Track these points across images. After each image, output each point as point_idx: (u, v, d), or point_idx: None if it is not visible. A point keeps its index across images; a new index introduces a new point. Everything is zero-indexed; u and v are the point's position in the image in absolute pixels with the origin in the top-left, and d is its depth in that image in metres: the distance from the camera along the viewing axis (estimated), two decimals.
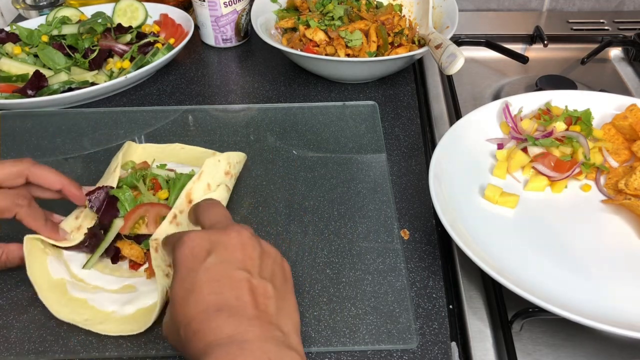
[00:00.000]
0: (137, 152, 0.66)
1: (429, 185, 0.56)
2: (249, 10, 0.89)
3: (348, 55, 0.79)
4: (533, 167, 0.62)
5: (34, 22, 0.89)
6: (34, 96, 0.76)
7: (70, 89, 0.77)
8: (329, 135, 0.72)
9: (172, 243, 0.44)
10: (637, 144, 0.61)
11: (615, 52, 0.91)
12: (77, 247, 0.54)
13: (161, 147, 0.67)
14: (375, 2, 0.89)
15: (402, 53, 0.78)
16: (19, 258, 0.53)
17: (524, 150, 0.63)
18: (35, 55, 0.82)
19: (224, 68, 0.89)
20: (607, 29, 0.97)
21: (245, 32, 0.93)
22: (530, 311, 0.48)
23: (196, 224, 0.48)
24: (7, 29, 0.86)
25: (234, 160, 0.63)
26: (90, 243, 0.53)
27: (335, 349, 0.48)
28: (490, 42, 0.88)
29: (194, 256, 0.41)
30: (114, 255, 0.54)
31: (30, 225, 0.52)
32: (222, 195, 0.58)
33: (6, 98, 0.75)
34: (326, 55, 0.78)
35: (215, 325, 0.38)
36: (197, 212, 0.47)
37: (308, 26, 0.81)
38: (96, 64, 0.82)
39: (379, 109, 0.76)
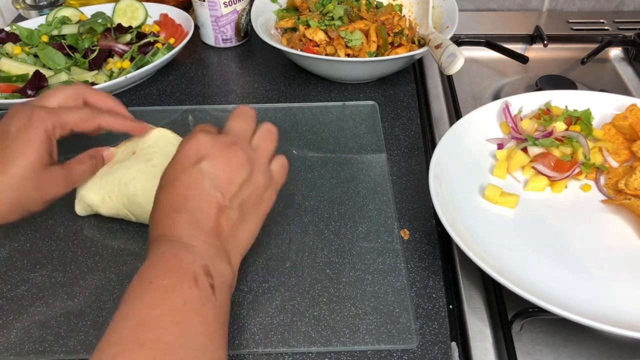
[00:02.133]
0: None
1: (429, 185, 0.56)
2: (249, 10, 0.89)
3: (348, 55, 0.79)
4: (533, 167, 0.62)
5: (34, 22, 0.89)
6: (34, 96, 0.76)
7: None
8: (329, 135, 0.72)
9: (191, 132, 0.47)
10: (637, 144, 0.61)
11: (615, 52, 0.91)
12: None
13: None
14: (375, 2, 0.89)
15: (402, 53, 0.78)
16: (107, 154, 0.58)
17: (524, 150, 0.63)
18: (35, 55, 0.82)
19: (224, 68, 0.89)
20: (607, 29, 0.97)
21: (245, 32, 0.93)
22: (530, 311, 0.48)
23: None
24: (7, 29, 0.86)
25: None
26: None
27: (335, 349, 0.48)
28: (490, 42, 0.88)
29: (189, 155, 0.45)
30: None
31: (117, 126, 0.56)
32: None
33: (6, 98, 0.75)
34: (326, 55, 0.78)
35: (172, 222, 0.43)
36: (232, 113, 0.50)
37: (308, 26, 0.81)
38: (96, 64, 0.82)
39: (379, 109, 0.76)
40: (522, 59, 0.84)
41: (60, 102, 0.55)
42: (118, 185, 0.56)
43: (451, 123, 0.72)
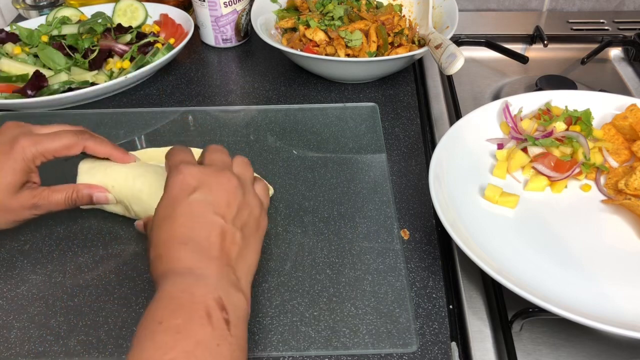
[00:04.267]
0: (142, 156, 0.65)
1: (429, 185, 0.56)
2: (249, 10, 0.89)
3: (348, 55, 0.79)
4: (533, 167, 0.62)
5: (34, 22, 0.89)
6: (34, 96, 0.76)
7: (70, 89, 0.77)
8: (329, 136, 0.72)
9: (169, 165, 0.48)
10: (637, 144, 0.61)
11: (615, 52, 0.91)
12: None
13: (162, 150, 0.66)
14: (375, 2, 0.89)
15: (402, 53, 0.78)
16: (88, 196, 0.56)
17: (524, 150, 0.63)
18: (35, 55, 0.82)
19: (224, 68, 0.89)
20: (607, 29, 0.97)
21: (245, 32, 0.93)
22: (530, 311, 0.48)
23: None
24: (7, 29, 0.86)
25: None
26: None
27: (335, 350, 0.48)
28: (490, 42, 0.88)
29: (182, 187, 0.45)
30: None
31: (100, 152, 0.56)
32: None
33: (6, 98, 0.75)
34: (326, 55, 0.78)
35: (179, 255, 0.42)
36: (204, 151, 0.51)
37: (308, 26, 0.81)
38: (96, 64, 0.82)
39: (379, 110, 0.76)
40: (522, 59, 0.84)
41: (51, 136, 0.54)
42: (124, 179, 0.56)
43: (451, 123, 0.72)
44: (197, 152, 0.66)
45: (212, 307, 0.39)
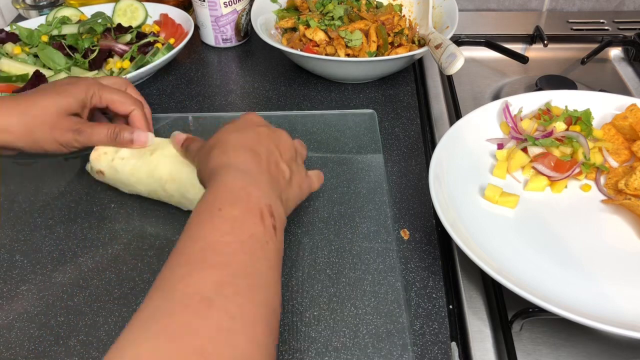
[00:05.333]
0: None
1: (429, 185, 0.56)
2: (249, 10, 0.89)
3: (348, 55, 0.79)
4: (533, 167, 0.62)
5: (34, 22, 0.89)
6: None
7: None
8: (329, 136, 0.72)
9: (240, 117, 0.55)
10: (637, 144, 0.61)
11: (615, 52, 0.91)
12: None
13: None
14: (375, 2, 0.89)
15: (402, 53, 0.78)
16: (129, 135, 0.60)
17: (524, 150, 0.63)
18: (35, 55, 0.82)
19: (224, 68, 0.89)
20: (607, 29, 0.97)
21: (245, 32, 0.93)
22: (530, 311, 0.48)
23: None
24: (7, 29, 0.86)
25: None
26: None
27: (335, 350, 0.48)
28: (490, 42, 0.88)
29: (252, 120, 0.53)
30: None
31: (141, 124, 0.62)
32: None
33: None
34: (326, 55, 0.78)
35: (244, 157, 0.47)
36: None
37: (308, 26, 0.81)
38: (96, 64, 0.82)
39: (379, 111, 0.76)
40: (522, 59, 0.84)
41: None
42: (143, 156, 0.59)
43: (451, 123, 0.72)
44: None
45: (264, 211, 0.43)
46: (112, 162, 0.59)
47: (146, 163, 0.59)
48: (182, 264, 0.37)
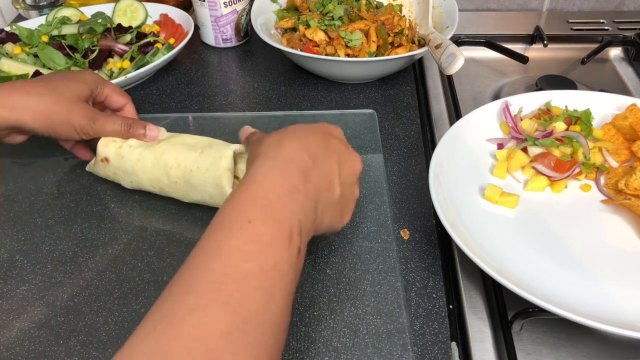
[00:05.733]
0: None
1: (429, 185, 0.56)
2: (249, 10, 0.89)
3: (348, 55, 0.79)
4: (533, 167, 0.62)
5: (34, 22, 0.89)
6: None
7: None
8: None
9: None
10: (637, 144, 0.61)
11: (615, 52, 0.91)
12: None
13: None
14: (375, 2, 0.89)
15: (402, 53, 0.78)
16: (142, 127, 0.61)
17: (524, 150, 0.63)
18: (35, 55, 0.82)
19: (224, 68, 0.89)
20: (607, 29, 0.97)
21: (245, 32, 0.93)
22: (530, 311, 0.48)
23: None
24: (7, 29, 0.86)
25: None
26: None
27: (335, 350, 0.48)
28: (490, 42, 0.88)
29: (326, 127, 0.50)
30: None
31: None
32: None
33: None
34: (326, 55, 0.78)
35: (293, 149, 0.44)
36: None
37: (308, 26, 0.81)
38: (96, 64, 0.82)
39: (379, 111, 0.76)
40: (522, 59, 0.84)
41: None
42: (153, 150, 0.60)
43: (451, 123, 0.72)
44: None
45: (295, 229, 0.39)
46: (119, 149, 0.60)
47: (153, 151, 0.59)
48: (192, 291, 0.34)
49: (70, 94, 0.58)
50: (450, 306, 0.53)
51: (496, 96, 0.82)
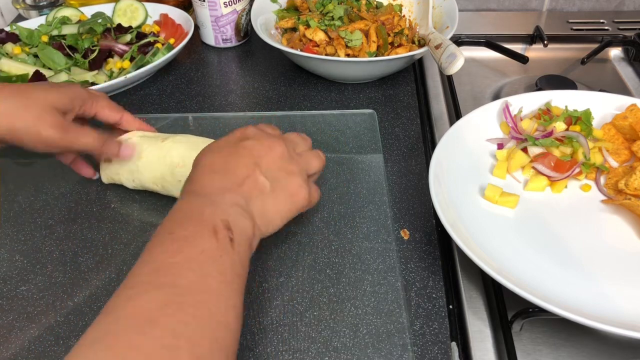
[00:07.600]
0: None
1: (429, 185, 0.56)
2: (249, 10, 0.89)
3: (348, 55, 0.79)
4: (533, 167, 0.62)
5: (34, 22, 0.89)
6: None
7: None
8: (329, 136, 0.72)
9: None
10: (637, 144, 0.61)
11: (615, 52, 0.91)
12: None
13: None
14: (375, 2, 0.89)
15: (402, 53, 0.78)
16: (116, 147, 0.60)
17: (524, 150, 0.63)
18: (35, 56, 0.82)
19: (224, 68, 0.89)
20: (607, 29, 0.97)
21: (245, 32, 0.93)
22: (530, 311, 0.48)
23: None
24: (7, 29, 0.86)
25: None
26: None
27: (335, 350, 0.48)
28: (490, 42, 0.88)
29: (237, 135, 0.51)
30: None
31: (133, 125, 0.64)
32: None
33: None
34: (326, 55, 0.78)
35: (205, 180, 0.47)
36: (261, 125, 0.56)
37: (308, 26, 0.81)
38: (96, 64, 0.82)
39: (379, 110, 0.76)
40: (522, 59, 0.84)
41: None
42: (160, 149, 0.60)
43: (451, 123, 0.72)
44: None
45: (219, 225, 0.42)
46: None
47: (157, 148, 0.60)
48: (129, 287, 0.38)
49: (42, 102, 0.55)
50: (450, 306, 0.53)
51: (496, 96, 0.82)
